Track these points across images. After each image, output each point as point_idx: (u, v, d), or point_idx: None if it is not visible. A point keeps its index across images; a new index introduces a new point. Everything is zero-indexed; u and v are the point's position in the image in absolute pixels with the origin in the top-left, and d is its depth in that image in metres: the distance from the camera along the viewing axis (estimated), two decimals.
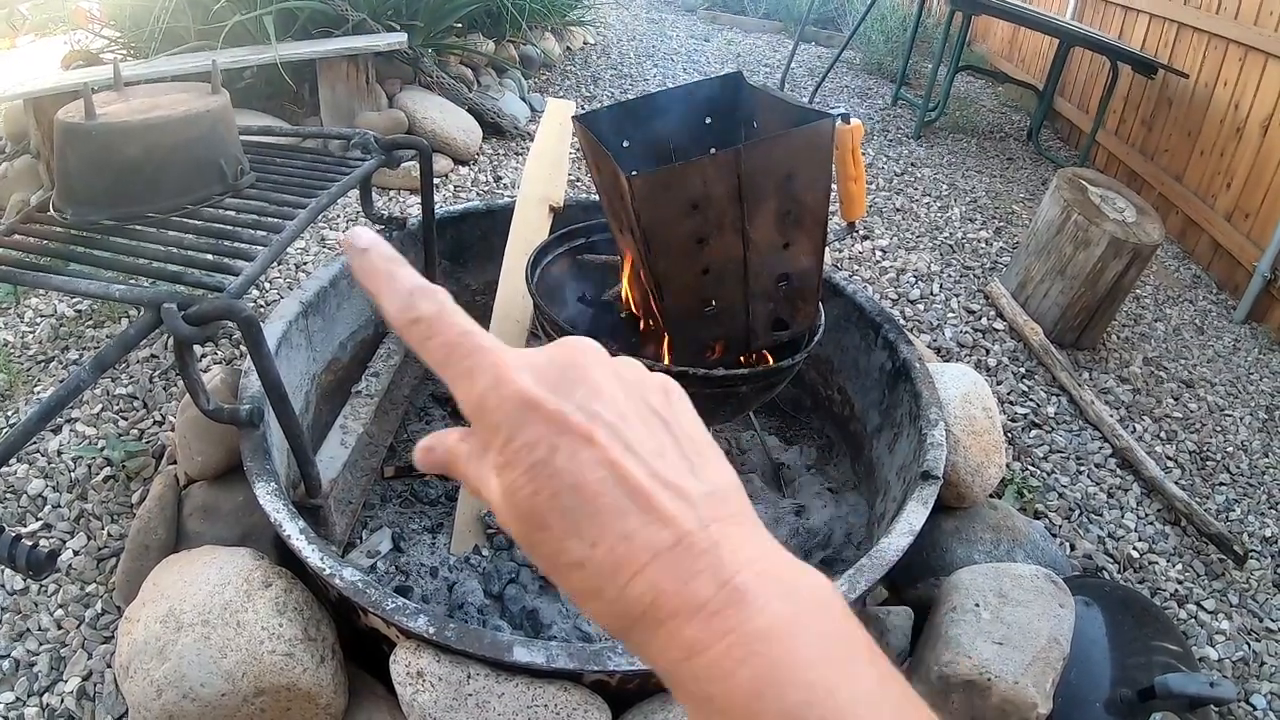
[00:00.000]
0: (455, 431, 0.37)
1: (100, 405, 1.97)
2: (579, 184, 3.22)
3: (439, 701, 1.11)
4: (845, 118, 1.60)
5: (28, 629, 1.57)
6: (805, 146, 1.41)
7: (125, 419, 1.94)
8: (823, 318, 1.69)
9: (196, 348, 2.02)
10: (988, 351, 2.57)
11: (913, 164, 4.05)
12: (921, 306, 2.75)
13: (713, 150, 1.65)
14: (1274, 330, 3.19)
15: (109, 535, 1.71)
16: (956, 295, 2.84)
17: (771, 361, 1.65)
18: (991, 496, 1.85)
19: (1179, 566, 2.03)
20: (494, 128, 3.52)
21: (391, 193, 2.98)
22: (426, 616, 1.16)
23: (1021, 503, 2.05)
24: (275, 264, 2.40)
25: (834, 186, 1.62)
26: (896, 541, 1.38)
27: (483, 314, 2.17)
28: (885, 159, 4.07)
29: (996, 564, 1.56)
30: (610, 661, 1.15)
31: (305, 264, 2.49)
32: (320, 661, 1.24)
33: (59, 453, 1.86)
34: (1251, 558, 2.10)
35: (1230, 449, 2.48)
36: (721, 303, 1.53)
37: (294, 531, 1.25)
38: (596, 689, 1.19)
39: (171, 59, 2.95)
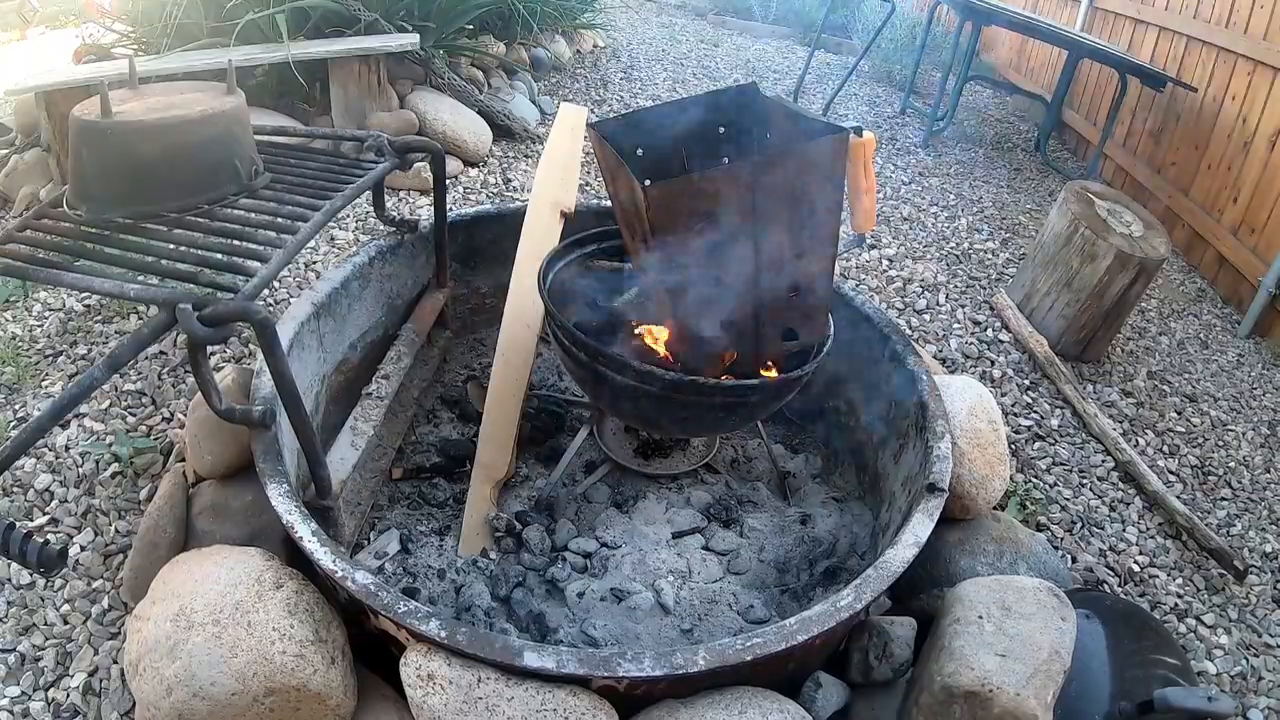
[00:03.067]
0: None
1: (109, 401, 1.98)
2: (588, 189, 3.23)
3: (449, 704, 1.12)
4: (858, 131, 1.61)
5: (34, 624, 1.57)
6: (820, 160, 1.42)
7: (134, 415, 1.95)
8: (832, 328, 1.70)
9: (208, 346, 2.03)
10: (993, 363, 2.58)
11: (920, 173, 4.06)
12: (927, 317, 2.76)
13: (726, 160, 1.66)
14: (1278, 346, 3.19)
15: (116, 531, 1.72)
16: (962, 306, 2.85)
17: (781, 372, 1.66)
18: (995, 508, 1.86)
19: (1179, 581, 2.04)
20: (504, 130, 3.53)
21: (402, 193, 2.99)
22: (438, 621, 1.17)
23: (1024, 515, 2.06)
24: None
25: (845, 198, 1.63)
26: (902, 553, 1.39)
27: (493, 318, 2.17)
28: (893, 168, 4.08)
29: (999, 576, 1.56)
30: (619, 667, 1.16)
31: (315, 263, 2.50)
32: (330, 663, 1.25)
33: (66, 448, 1.86)
34: (1251, 573, 2.10)
35: (1232, 464, 2.49)
36: (733, 313, 1.53)
37: (306, 534, 1.25)
38: (604, 694, 1.19)
39: (184, 55, 2.96)
